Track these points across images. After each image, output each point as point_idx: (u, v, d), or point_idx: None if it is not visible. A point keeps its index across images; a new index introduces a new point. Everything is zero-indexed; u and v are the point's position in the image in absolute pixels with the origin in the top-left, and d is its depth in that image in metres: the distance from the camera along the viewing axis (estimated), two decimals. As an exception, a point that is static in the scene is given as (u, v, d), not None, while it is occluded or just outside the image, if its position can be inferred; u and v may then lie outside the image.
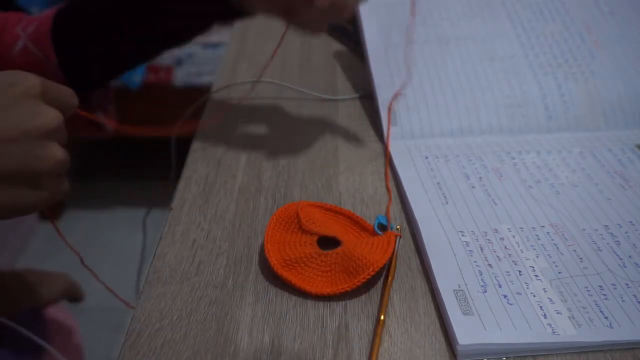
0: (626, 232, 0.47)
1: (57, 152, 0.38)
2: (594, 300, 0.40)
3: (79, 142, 1.82)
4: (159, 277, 0.43)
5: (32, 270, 0.80)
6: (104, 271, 0.52)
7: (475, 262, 0.43)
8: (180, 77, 1.70)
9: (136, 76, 1.67)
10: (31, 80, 0.37)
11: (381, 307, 0.40)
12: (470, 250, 0.45)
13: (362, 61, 0.68)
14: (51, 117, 0.37)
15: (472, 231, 0.47)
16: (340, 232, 0.47)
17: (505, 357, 0.37)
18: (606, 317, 0.39)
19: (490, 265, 0.43)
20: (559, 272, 0.43)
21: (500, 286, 0.41)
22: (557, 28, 0.67)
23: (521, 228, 0.47)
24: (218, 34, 1.75)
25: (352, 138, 0.60)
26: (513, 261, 0.44)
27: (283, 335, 0.39)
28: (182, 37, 0.57)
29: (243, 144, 0.59)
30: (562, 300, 0.40)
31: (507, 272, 0.43)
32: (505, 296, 0.41)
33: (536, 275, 0.42)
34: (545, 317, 0.39)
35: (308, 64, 0.74)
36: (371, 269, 0.41)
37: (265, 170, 0.55)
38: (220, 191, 0.52)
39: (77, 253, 0.48)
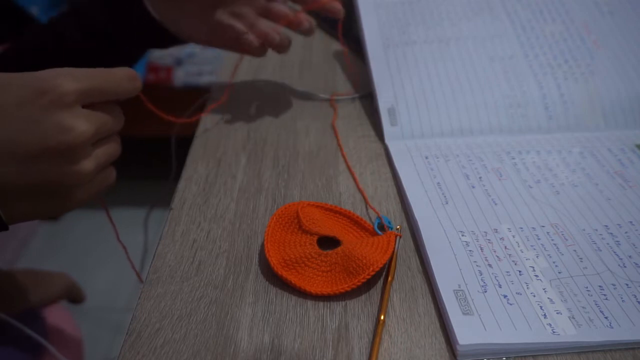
0: (626, 232, 0.47)
1: (84, 167, 0.36)
2: (594, 300, 0.40)
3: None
4: (159, 277, 0.43)
5: (32, 270, 0.80)
6: (104, 271, 0.52)
7: (475, 262, 0.43)
8: (180, 77, 1.70)
9: (136, 76, 1.67)
10: (64, 87, 0.35)
11: (381, 307, 0.40)
12: (470, 250, 0.45)
13: (362, 61, 0.68)
14: (80, 131, 0.35)
15: (472, 231, 0.47)
16: (340, 232, 0.47)
17: (505, 357, 0.37)
18: (606, 317, 0.39)
19: (490, 265, 0.43)
20: (559, 272, 0.43)
21: (500, 286, 0.41)
22: (557, 28, 0.67)
23: (521, 228, 0.47)
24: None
25: (352, 138, 0.60)
26: (513, 261, 0.44)
27: (283, 335, 0.39)
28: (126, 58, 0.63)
29: (243, 144, 0.59)
30: (562, 300, 0.40)
31: (507, 272, 0.43)
32: (505, 296, 0.41)
33: (536, 275, 0.43)
34: (545, 317, 0.39)
35: (308, 64, 0.74)
36: (371, 269, 0.41)
37: (265, 170, 0.55)
38: (220, 191, 0.52)
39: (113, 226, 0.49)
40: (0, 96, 0.34)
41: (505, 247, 0.45)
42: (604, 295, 0.41)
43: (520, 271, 0.43)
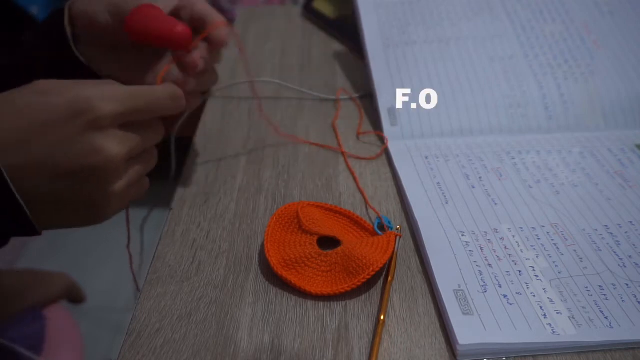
0: (626, 232, 0.47)
1: (115, 187, 0.37)
2: (594, 300, 0.40)
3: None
4: (159, 277, 0.43)
5: (32, 270, 0.80)
6: (104, 271, 0.52)
7: (475, 262, 0.43)
8: (180, 77, 1.69)
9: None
10: (102, 110, 0.35)
11: (381, 307, 0.40)
12: (470, 250, 0.45)
13: (362, 61, 0.68)
14: (112, 154, 0.35)
15: (472, 231, 0.47)
16: (340, 232, 0.47)
17: (505, 357, 0.37)
18: (606, 317, 0.39)
19: (490, 265, 0.43)
20: (559, 272, 0.43)
21: (500, 286, 0.41)
22: (557, 28, 0.67)
23: (521, 228, 0.47)
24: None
25: (352, 138, 0.60)
26: (513, 261, 0.44)
27: (283, 335, 0.39)
28: None
29: (243, 144, 0.59)
30: (562, 300, 0.40)
31: (507, 272, 0.43)
32: (505, 296, 0.41)
33: (536, 275, 0.43)
34: (545, 317, 0.39)
35: (308, 64, 0.74)
36: (371, 269, 0.41)
37: (265, 170, 0.55)
38: (220, 191, 0.52)
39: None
40: (39, 115, 0.35)
41: (505, 247, 0.45)
42: (604, 295, 0.41)
43: (520, 271, 0.43)
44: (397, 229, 0.47)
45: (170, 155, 0.58)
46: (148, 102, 0.38)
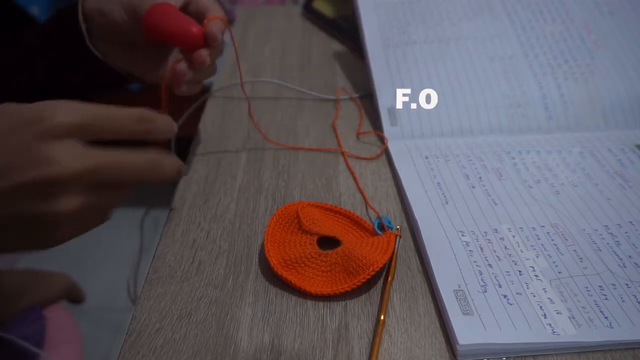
0: (626, 232, 0.47)
1: (61, 207, 0.32)
2: (594, 300, 0.40)
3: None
4: (159, 277, 0.43)
5: (32, 270, 0.80)
6: (104, 271, 0.52)
7: (475, 262, 0.43)
8: (180, 77, 1.69)
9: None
10: (58, 118, 0.32)
11: (381, 307, 0.40)
12: (470, 250, 0.45)
13: (362, 61, 0.68)
14: (61, 167, 0.31)
15: (472, 231, 0.47)
16: (340, 232, 0.47)
17: (505, 357, 0.37)
18: (606, 317, 0.39)
19: (490, 265, 0.43)
20: (559, 272, 0.43)
21: (500, 286, 0.41)
22: (557, 28, 0.67)
23: (521, 228, 0.47)
24: (218, 34, 1.75)
25: (352, 138, 0.60)
26: (513, 261, 0.44)
27: (283, 335, 0.39)
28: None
29: (243, 144, 0.59)
30: (562, 300, 0.40)
31: (507, 272, 0.43)
32: (505, 296, 0.41)
33: (536, 275, 0.43)
34: (545, 317, 0.39)
35: (308, 64, 0.74)
36: (371, 269, 0.41)
37: (265, 170, 0.55)
38: (220, 191, 0.52)
39: None
40: None
41: (505, 247, 0.45)
42: (604, 295, 0.41)
43: (520, 271, 0.43)
44: (397, 229, 0.47)
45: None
46: (109, 118, 0.35)
